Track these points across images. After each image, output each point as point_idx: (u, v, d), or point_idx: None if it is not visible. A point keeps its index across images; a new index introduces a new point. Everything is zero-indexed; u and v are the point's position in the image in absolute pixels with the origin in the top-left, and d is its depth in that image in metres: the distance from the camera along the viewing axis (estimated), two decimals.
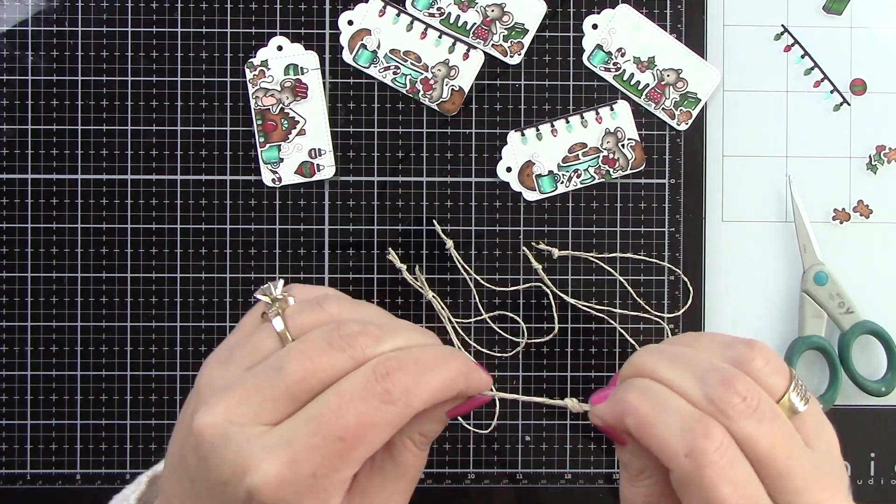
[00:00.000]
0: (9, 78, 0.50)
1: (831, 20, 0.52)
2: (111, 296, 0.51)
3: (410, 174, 0.51)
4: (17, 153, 0.50)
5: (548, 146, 0.51)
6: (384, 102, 0.51)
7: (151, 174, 0.51)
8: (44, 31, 0.50)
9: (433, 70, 0.51)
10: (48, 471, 0.50)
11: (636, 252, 0.51)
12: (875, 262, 0.52)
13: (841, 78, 0.52)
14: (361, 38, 0.51)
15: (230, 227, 0.51)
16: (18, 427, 0.50)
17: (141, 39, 0.51)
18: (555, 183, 0.51)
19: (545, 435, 0.51)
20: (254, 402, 0.25)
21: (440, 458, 0.51)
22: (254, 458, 0.24)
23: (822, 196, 0.52)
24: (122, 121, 0.51)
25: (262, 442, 0.24)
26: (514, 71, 0.51)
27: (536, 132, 0.51)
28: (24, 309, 0.50)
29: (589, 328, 0.51)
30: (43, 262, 0.50)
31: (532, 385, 0.51)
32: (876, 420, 0.52)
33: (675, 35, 0.51)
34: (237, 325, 0.30)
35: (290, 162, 0.50)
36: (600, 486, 0.51)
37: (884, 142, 0.52)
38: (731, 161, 0.52)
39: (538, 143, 0.51)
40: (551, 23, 0.51)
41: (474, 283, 0.50)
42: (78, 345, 0.50)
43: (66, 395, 0.50)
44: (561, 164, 0.51)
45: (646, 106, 0.51)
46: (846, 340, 0.50)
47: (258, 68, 0.50)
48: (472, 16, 0.51)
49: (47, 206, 0.50)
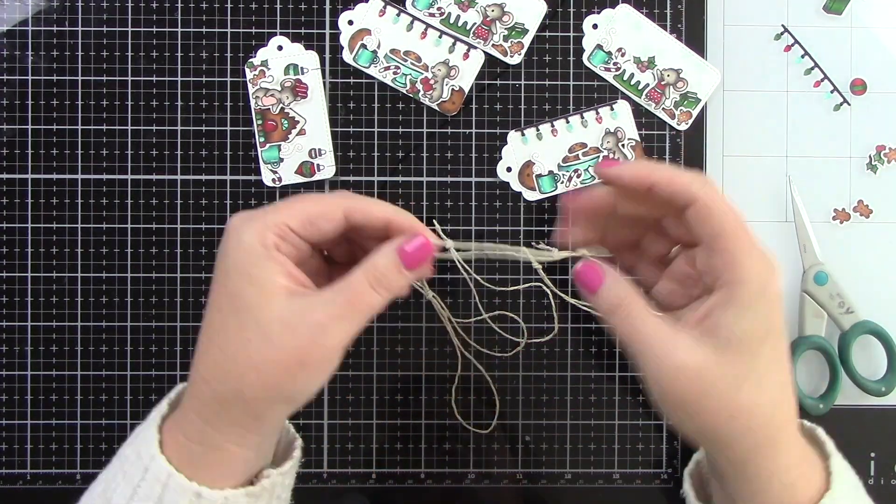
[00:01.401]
0: (9, 78, 0.50)
1: (831, 20, 0.52)
2: (111, 296, 0.51)
3: (410, 174, 0.51)
4: (17, 153, 0.50)
5: (548, 146, 0.51)
6: (384, 102, 0.51)
7: (151, 174, 0.51)
8: (44, 31, 0.50)
9: (433, 70, 0.51)
10: (48, 471, 0.50)
11: None
12: (875, 262, 0.52)
13: (841, 78, 0.52)
14: (361, 38, 0.51)
15: None
16: (18, 427, 0.50)
17: (141, 39, 0.51)
18: (555, 183, 0.51)
19: (545, 435, 0.51)
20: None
21: (440, 458, 0.51)
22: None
23: (822, 196, 0.52)
24: (122, 121, 0.51)
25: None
26: (514, 71, 0.51)
27: (536, 132, 0.51)
28: (24, 309, 0.50)
29: (589, 328, 0.51)
30: (43, 262, 0.50)
31: (532, 385, 0.51)
32: (876, 420, 0.52)
33: (675, 35, 0.51)
34: None
35: (291, 162, 0.50)
36: (600, 486, 0.51)
37: (884, 142, 0.52)
38: (731, 161, 0.52)
39: (538, 143, 0.51)
40: (551, 23, 0.51)
41: (474, 283, 0.50)
42: (78, 345, 0.50)
43: (66, 395, 0.50)
44: (561, 164, 0.51)
45: (646, 106, 0.51)
46: (846, 340, 0.50)
47: (258, 68, 0.50)
48: (472, 16, 0.51)
49: (47, 206, 0.50)
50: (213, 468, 0.35)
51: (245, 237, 0.34)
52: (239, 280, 0.34)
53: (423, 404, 0.51)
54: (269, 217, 0.35)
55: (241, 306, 0.33)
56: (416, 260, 0.36)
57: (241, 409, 0.34)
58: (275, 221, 0.34)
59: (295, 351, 0.33)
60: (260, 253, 0.34)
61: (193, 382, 0.35)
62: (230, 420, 0.34)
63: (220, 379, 0.34)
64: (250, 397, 0.34)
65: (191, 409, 0.35)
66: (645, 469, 0.51)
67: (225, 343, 0.34)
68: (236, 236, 0.34)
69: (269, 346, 0.33)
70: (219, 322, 0.34)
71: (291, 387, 0.34)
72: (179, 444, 0.35)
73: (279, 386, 0.34)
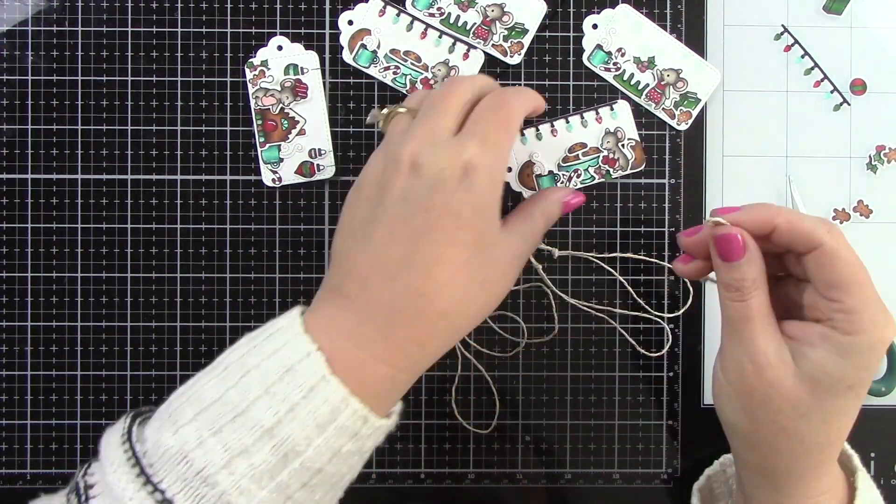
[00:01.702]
0: (9, 78, 0.50)
1: (831, 20, 0.52)
2: (111, 296, 0.51)
3: None
4: (17, 153, 0.50)
5: (548, 146, 0.51)
6: (384, 102, 0.51)
7: (151, 174, 0.51)
8: (44, 31, 0.50)
9: (433, 70, 0.51)
10: (48, 471, 0.50)
11: (636, 252, 0.51)
12: (875, 262, 0.52)
13: (841, 78, 0.52)
14: (361, 38, 0.51)
15: (230, 227, 0.51)
16: (18, 427, 0.50)
17: (141, 39, 0.51)
18: (555, 183, 0.51)
19: (545, 435, 0.51)
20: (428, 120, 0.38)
21: (440, 458, 0.51)
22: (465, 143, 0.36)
23: (822, 196, 0.52)
24: (122, 121, 0.51)
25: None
26: (514, 71, 0.51)
27: (536, 132, 0.51)
28: (24, 309, 0.50)
29: (589, 328, 0.51)
30: (43, 262, 0.50)
31: (532, 385, 0.51)
32: (876, 420, 0.52)
33: (675, 35, 0.51)
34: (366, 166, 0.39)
35: (291, 162, 0.50)
36: (600, 486, 0.51)
37: (884, 142, 0.52)
38: (731, 161, 0.52)
39: (538, 143, 0.51)
40: (551, 23, 0.51)
41: None
42: (78, 345, 0.50)
43: (66, 395, 0.50)
44: (561, 164, 0.51)
45: (646, 106, 0.51)
46: None
47: (258, 68, 0.50)
48: (472, 16, 0.51)
49: (47, 206, 0.50)
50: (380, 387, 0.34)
51: (498, 178, 0.36)
52: (490, 221, 0.36)
53: (423, 404, 0.51)
54: (506, 149, 0.37)
55: (487, 244, 0.36)
56: (574, 202, 0.43)
57: (443, 334, 0.36)
58: (504, 155, 0.37)
59: (511, 284, 0.38)
60: (500, 194, 0.36)
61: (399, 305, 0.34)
62: (422, 341, 0.35)
63: (451, 306, 0.35)
64: (466, 324, 0.36)
65: (371, 325, 0.34)
66: (645, 469, 0.51)
67: (469, 278, 0.35)
68: (490, 176, 0.36)
69: (503, 283, 0.37)
70: (462, 258, 0.35)
71: (488, 313, 0.38)
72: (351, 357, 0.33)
73: (484, 314, 0.37)
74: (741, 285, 0.35)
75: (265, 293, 0.51)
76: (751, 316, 0.35)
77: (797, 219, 0.34)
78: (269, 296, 0.51)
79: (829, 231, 0.34)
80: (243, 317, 0.51)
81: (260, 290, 0.51)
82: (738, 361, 0.35)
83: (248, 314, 0.51)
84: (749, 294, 0.35)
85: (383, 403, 0.34)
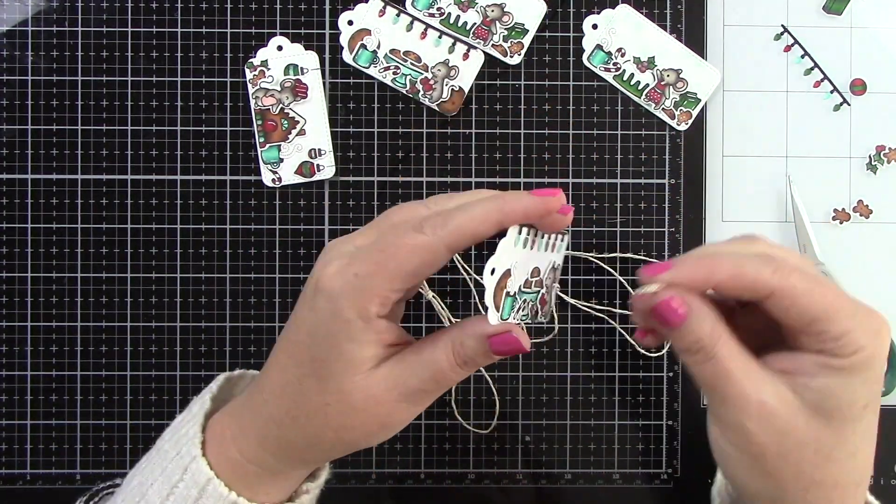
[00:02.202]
0: (9, 78, 0.50)
1: (831, 20, 0.52)
2: (111, 296, 0.51)
3: (410, 174, 0.51)
4: (17, 153, 0.50)
5: (527, 258, 0.45)
6: (384, 102, 0.51)
7: (151, 174, 0.51)
8: (44, 31, 0.50)
9: (433, 70, 0.51)
10: (48, 471, 0.50)
11: (636, 252, 0.51)
12: (875, 262, 0.52)
13: (841, 78, 0.52)
14: (361, 38, 0.51)
15: (230, 227, 0.51)
16: (18, 427, 0.50)
17: (141, 39, 0.51)
18: (513, 308, 0.49)
19: (545, 435, 0.51)
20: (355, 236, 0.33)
21: (440, 458, 0.51)
22: (328, 261, 0.32)
23: (822, 196, 0.52)
24: (122, 121, 0.51)
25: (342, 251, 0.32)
26: (514, 71, 0.51)
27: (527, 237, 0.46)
28: (24, 309, 0.50)
29: (589, 328, 0.51)
30: (43, 262, 0.50)
31: (532, 385, 0.51)
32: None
33: (675, 35, 0.51)
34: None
35: (290, 162, 0.50)
36: (600, 486, 0.51)
37: (884, 142, 0.52)
38: (731, 161, 0.52)
39: (523, 251, 0.49)
40: (551, 23, 0.51)
41: (474, 283, 0.50)
42: (78, 345, 0.50)
43: (66, 395, 0.50)
44: (522, 287, 0.47)
45: (646, 106, 0.51)
46: None
47: (258, 68, 0.50)
48: (472, 16, 0.51)
49: (47, 206, 0.50)
50: (263, 486, 0.34)
51: (346, 312, 0.30)
52: (329, 351, 0.31)
53: None
54: (378, 282, 0.30)
55: (324, 374, 0.31)
56: (507, 347, 0.32)
57: (313, 455, 0.34)
58: (382, 289, 0.30)
59: (377, 418, 0.32)
60: (358, 328, 0.30)
61: (256, 412, 0.34)
62: (297, 457, 0.34)
63: (292, 427, 0.33)
64: (326, 449, 0.33)
65: (252, 434, 0.33)
66: (645, 469, 0.51)
67: (302, 400, 0.32)
68: (333, 304, 0.30)
69: (350, 414, 0.32)
70: (296, 377, 0.32)
71: (368, 443, 0.33)
72: (232, 460, 0.33)
73: (356, 443, 0.33)
74: (700, 346, 0.30)
75: (265, 293, 0.51)
76: (726, 370, 0.30)
77: (739, 271, 0.30)
78: (268, 296, 0.51)
79: (775, 271, 0.30)
80: (243, 317, 0.51)
81: (260, 290, 0.51)
82: (736, 424, 0.31)
83: (247, 314, 0.51)
84: (712, 350, 0.30)
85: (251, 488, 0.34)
